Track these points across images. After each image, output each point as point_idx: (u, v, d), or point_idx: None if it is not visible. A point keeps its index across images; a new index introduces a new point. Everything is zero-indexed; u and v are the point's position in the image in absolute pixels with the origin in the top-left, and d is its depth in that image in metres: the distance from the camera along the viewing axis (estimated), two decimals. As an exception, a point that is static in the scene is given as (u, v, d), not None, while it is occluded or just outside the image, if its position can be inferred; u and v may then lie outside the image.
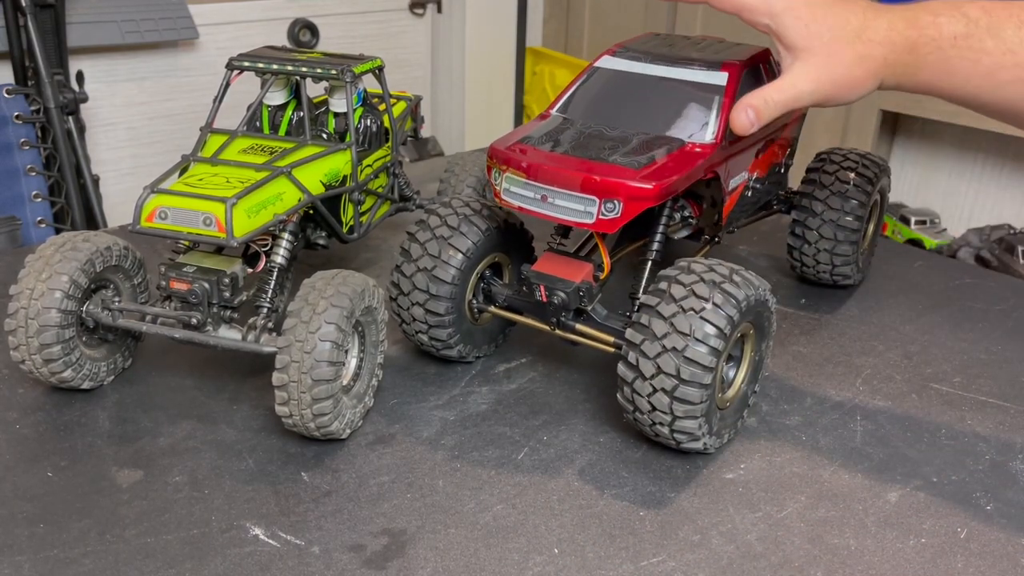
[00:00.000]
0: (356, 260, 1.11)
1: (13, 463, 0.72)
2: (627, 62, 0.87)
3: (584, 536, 0.67)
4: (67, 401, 0.80)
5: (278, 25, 2.42)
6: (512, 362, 0.90)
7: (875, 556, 0.66)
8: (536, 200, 0.76)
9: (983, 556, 0.66)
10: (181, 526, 0.66)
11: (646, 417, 0.72)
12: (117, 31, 2.04)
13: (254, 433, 0.77)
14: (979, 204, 2.20)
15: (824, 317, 1.01)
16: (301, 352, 0.69)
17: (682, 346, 0.69)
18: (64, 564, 0.62)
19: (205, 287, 0.77)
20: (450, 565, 0.64)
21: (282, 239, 0.84)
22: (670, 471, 0.74)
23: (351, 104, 0.94)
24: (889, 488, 0.73)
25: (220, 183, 0.78)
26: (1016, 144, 2.08)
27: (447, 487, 0.71)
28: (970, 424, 0.82)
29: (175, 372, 0.86)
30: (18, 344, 0.76)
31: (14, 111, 1.66)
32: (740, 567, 0.64)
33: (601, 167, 0.74)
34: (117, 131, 2.20)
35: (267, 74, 0.93)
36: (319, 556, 0.64)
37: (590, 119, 0.84)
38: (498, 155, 0.79)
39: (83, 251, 0.77)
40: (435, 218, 0.83)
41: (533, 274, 0.79)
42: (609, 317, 0.80)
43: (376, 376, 0.80)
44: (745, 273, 0.73)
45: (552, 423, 0.80)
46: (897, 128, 2.31)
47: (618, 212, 0.73)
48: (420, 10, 2.71)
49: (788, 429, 0.80)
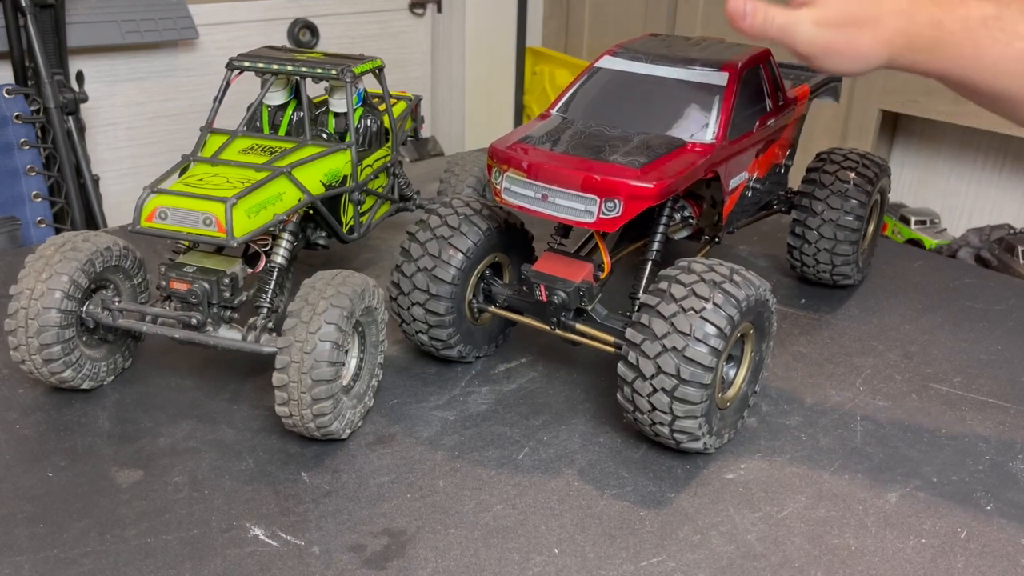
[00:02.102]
0: (356, 260, 1.11)
1: (13, 463, 0.72)
2: (628, 62, 0.87)
3: (584, 536, 0.67)
4: (67, 401, 0.80)
5: (278, 25, 2.42)
6: (512, 362, 0.90)
7: (875, 556, 0.66)
8: (537, 199, 0.76)
9: (983, 556, 0.66)
10: (181, 526, 0.66)
11: (646, 417, 0.72)
12: (117, 31, 2.03)
13: (254, 433, 0.77)
14: (979, 204, 2.20)
15: (824, 317, 1.01)
16: (301, 352, 0.69)
17: (682, 346, 0.69)
18: (64, 564, 0.62)
19: (205, 287, 0.77)
20: (450, 565, 0.64)
21: (282, 239, 0.84)
22: (670, 471, 0.74)
23: (351, 104, 0.94)
24: (889, 488, 0.73)
25: (220, 183, 0.78)
26: (1016, 144, 2.08)
27: (447, 487, 0.71)
28: (970, 424, 0.82)
29: (175, 372, 0.86)
30: (18, 344, 0.76)
31: (14, 111, 1.66)
32: (740, 567, 0.64)
33: (602, 166, 0.74)
34: (117, 131, 2.20)
35: (267, 74, 0.93)
36: (319, 556, 0.64)
37: (591, 119, 0.84)
38: (499, 154, 0.79)
39: (83, 251, 0.77)
40: (435, 218, 0.83)
41: (533, 274, 0.79)
42: (609, 317, 0.80)
43: (376, 376, 0.80)
44: (745, 273, 0.73)
45: (552, 423, 0.80)
46: (897, 128, 2.31)
47: (618, 211, 0.73)
48: (420, 10, 2.71)
49: (788, 429, 0.80)
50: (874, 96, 2.09)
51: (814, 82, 1.05)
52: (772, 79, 0.91)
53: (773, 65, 0.91)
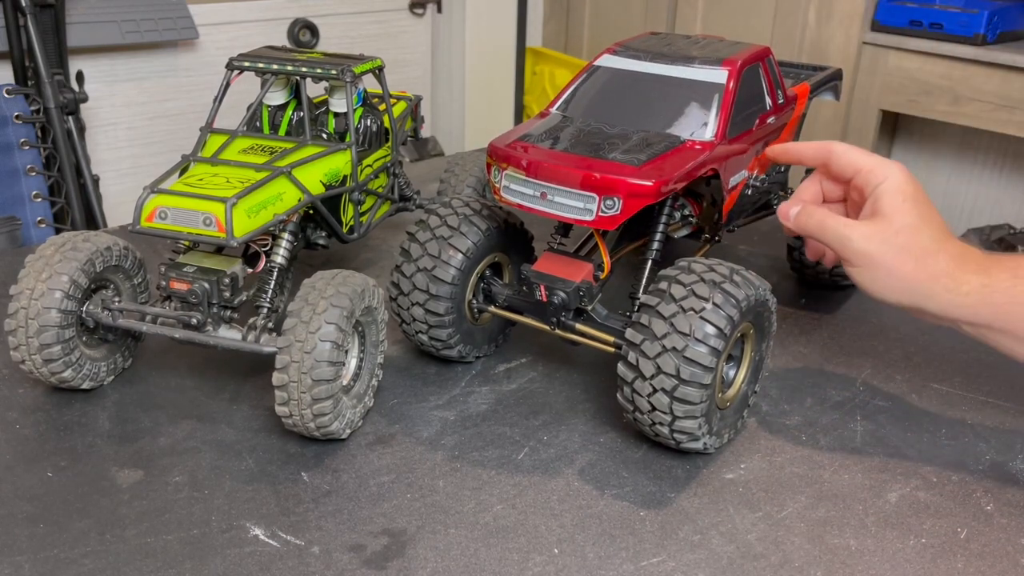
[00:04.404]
0: (356, 260, 1.11)
1: (13, 463, 0.72)
2: (627, 60, 0.87)
3: (584, 536, 0.67)
4: (67, 401, 0.80)
5: (278, 25, 2.42)
6: (512, 362, 0.90)
7: (875, 556, 0.66)
8: (536, 197, 0.76)
9: (983, 556, 0.66)
10: (181, 526, 0.66)
11: (646, 417, 0.72)
12: (117, 31, 2.04)
13: (254, 433, 0.77)
14: (979, 204, 2.20)
15: (824, 317, 1.01)
16: (301, 352, 0.69)
17: (682, 346, 0.69)
18: (64, 564, 0.62)
19: (205, 287, 0.77)
20: (450, 565, 0.64)
21: (282, 239, 0.84)
22: (670, 471, 0.74)
23: (351, 104, 0.94)
24: (889, 488, 0.73)
25: (220, 183, 0.78)
26: (1016, 144, 2.08)
27: (447, 487, 0.71)
28: (970, 424, 0.82)
29: (175, 372, 0.86)
30: (18, 344, 0.76)
31: (14, 111, 1.66)
32: (740, 567, 0.64)
33: (601, 164, 0.74)
34: (117, 131, 2.20)
35: (267, 74, 0.93)
36: (319, 556, 0.64)
37: (590, 117, 0.84)
38: (498, 153, 0.79)
39: (83, 251, 0.77)
40: (435, 218, 0.83)
41: (533, 274, 0.79)
42: (609, 317, 0.80)
43: (376, 376, 0.80)
44: (745, 273, 0.73)
45: (552, 423, 0.80)
46: (897, 128, 2.31)
47: (617, 209, 0.73)
48: (420, 10, 2.71)
49: (788, 429, 0.80)
50: (874, 96, 2.10)
51: (815, 80, 1.05)
52: (772, 77, 0.91)
53: (773, 63, 0.91)
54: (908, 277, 0.70)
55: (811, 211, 0.75)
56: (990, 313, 0.70)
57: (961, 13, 1.93)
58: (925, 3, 1.99)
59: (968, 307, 0.70)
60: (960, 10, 1.93)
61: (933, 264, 0.70)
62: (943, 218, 0.73)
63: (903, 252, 0.70)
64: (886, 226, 0.70)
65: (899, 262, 0.70)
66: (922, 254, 0.70)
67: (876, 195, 0.72)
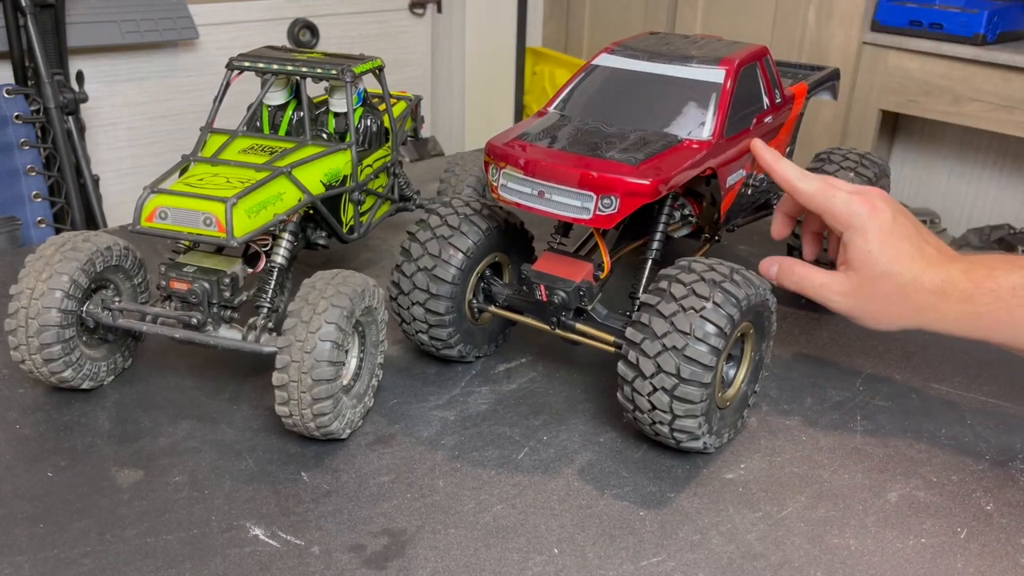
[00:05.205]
0: (356, 260, 1.11)
1: (13, 463, 0.72)
2: (625, 60, 0.87)
3: (584, 536, 0.67)
4: (67, 401, 0.80)
5: (278, 25, 2.42)
6: (512, 362, 0.90)
7: (875, 556, 0.66)
8: (533, 196, 0.76)
9: (983, 556, 0.66)
10: (181, 526, 0.66)
11: (646, 416, 0.72)
12: (117, 31, 2.04)
13: (254, 433, 0.77)
14: (979, 204, 2.20)
15: (824, 317, 1.00)
16: (301, 352, 0.69)
17: (682, 345, 0.69)
18: (64, 564, 0.62)
19: (205, 287, 0.77)
20: (450, 565, 0.64)
21: (282, 239, 0.84)
22: (670, 471, 0.74)
23: (351, 104, 0.94)
24: (889, 488, 0.73)
25: (220, 183, 0.78)
26: (1016, 144, 2.08)
27: (447, 487, 0.71)
28: (970, 424, 0.82)
29: (175, 372, 0.86)
30: (18, 344, 0.76)
31: (14, 111, 1.66)
32: (740, 567, 0.64)
33: (598, 163, 0.74)
34: (117, 131, 2.20)
35: (267, 74, 0.93)
36: (319, 556, 0.64)
37: (588, 116, 0.84)
38: (496, 151, 0.79)
39: (83, 251, 0.77)
40: (435, 218, 0.83)
41: (533, 273, 0.79)
42: (609, 316, 0.80)
43: (376, 376, 0.80)
44: (746, 272, 0.73)
45: (552, 423, 0.80)
46: (897, 128, 2.31)
47: (615, 208, 0.73)
48: (420, 10, 2.71)
49: (788, 429, 0.80)
50: (874, 96, 2.10)
51: (812, 80, 1.05)
52: (769, 77, 0.91)
53: (770, 63, 0.91)
54: (895, 316, 0.74)
55: (789, 270, 0.79)
56: (981, 332, 0.73)
57: (961, 13, 1.93)
58: (925, 3, 1.99)
59: (959, 329, 0.73)
60: (960, 10, 1.93)
61: (916, 300, 0.73)
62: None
63: (883, 299, 0.73)
64: (859, 281, 0.74)
65: (882, 308, 0.74)
66: (900, 296, 0.73)
67: (844, 244, 0.75)
